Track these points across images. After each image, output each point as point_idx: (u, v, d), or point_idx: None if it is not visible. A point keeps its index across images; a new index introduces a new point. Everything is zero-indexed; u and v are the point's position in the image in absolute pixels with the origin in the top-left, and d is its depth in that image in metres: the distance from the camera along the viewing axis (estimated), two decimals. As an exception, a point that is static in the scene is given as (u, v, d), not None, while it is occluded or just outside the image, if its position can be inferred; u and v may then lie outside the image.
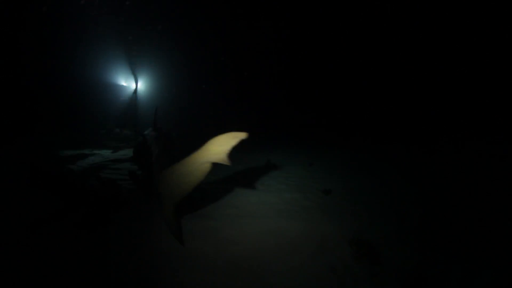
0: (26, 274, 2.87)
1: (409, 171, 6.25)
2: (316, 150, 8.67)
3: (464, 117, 9.30)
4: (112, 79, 10.57)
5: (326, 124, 10.36)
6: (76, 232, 3.56)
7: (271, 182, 5.63)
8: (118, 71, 10.49)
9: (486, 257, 2.80)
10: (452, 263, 2.69)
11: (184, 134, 10.27)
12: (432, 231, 3.41)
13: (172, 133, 7.49)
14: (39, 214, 3.92)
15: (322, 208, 4.40)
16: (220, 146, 3.73)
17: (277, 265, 3.19)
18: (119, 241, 3.49)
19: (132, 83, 10.68)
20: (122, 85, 10.65)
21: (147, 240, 3.57)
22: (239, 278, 2.97)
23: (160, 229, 3.84)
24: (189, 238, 3.66)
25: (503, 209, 3.83)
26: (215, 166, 7.03)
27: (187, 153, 3.70)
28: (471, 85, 9.47)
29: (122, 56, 10.22)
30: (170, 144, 6.59)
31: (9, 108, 9.17)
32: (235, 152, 9.03)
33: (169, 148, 6.30)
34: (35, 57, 9.33)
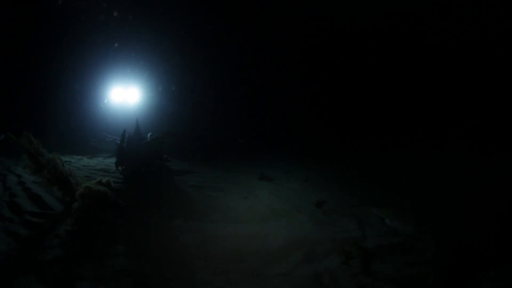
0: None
1: (403, 179, 6.17)
2: (313, 163, 8.49)
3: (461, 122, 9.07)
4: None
5: (326, 127, 10.03)
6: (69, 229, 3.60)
7: (263, 193, 5.46)
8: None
9: (485, 266, 2.62)
10: (447, 273, 2.50)
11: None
12: (425, 243, 3.23)
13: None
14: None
15: (312, 219, 4.23)
16: None
17: (261, 270, 3.00)
18: (107, 237, 3.50)
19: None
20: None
21: (132, 235, 3.56)
22: (221, 274, 2.79)
23: (142, 225, 3.81)
24: (175, 234, 3.58)
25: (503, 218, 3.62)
26: (208, 176, 6.87)
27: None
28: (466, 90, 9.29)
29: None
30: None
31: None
32: (231, 164, 8.82)
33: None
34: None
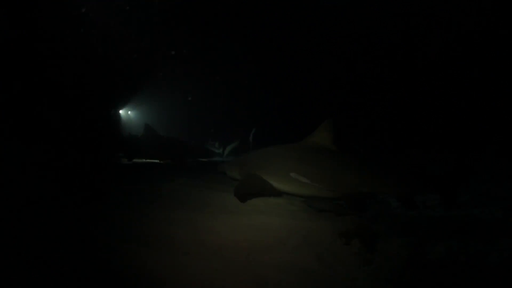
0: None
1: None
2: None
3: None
4: None
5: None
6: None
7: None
8: None
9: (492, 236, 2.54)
10: (453, 249, 2.41)
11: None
12: (428, 224, 3.15)
13: None
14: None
15: (308, 211, 4.10)
16: None
17: (258, 255, 2.80)
18: (92, 223, 3.22)
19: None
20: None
21: (119, 221, 3.29)
22: (218, 264, 2.57)
23: (133, 213, 3.55)
24: (165, 224, 3.31)
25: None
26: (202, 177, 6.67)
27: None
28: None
29: None
30: None
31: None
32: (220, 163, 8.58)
33: None
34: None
